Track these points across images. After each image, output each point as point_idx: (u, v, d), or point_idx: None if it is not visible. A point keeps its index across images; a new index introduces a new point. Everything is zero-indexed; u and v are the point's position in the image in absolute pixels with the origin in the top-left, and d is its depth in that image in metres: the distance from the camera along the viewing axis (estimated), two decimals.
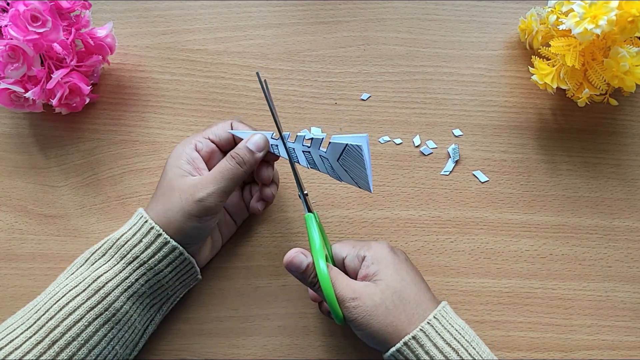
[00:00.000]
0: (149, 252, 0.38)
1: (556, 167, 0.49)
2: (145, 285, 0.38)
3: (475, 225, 0.47)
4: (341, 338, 0.45)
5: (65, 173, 0.48)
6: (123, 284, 0.37)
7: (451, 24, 0.52)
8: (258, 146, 0.39)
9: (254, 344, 0.44)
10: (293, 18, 0.52)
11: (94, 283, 0.37)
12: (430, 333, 0.35)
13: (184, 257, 0.39)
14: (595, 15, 0.40)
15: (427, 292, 0.38)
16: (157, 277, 0.39)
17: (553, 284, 0.46)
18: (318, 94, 0.50)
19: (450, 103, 0.50)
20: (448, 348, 0.35)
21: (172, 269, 0.39)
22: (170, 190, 0.38)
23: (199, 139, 0.41)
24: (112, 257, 0.38)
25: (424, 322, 0.35)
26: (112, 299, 0.37)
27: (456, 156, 0.49)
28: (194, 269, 0.41)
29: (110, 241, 0.38)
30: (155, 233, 0.38)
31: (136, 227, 0.38)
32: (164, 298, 0.41)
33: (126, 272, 0.37)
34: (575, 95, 0.47)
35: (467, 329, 0.37)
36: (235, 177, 0.38)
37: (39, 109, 0.46)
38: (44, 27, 0.41)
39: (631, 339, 0.45)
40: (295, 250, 0.37)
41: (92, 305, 0.36)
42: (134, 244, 0.38)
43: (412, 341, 0.35)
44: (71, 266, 0.39)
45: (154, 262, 0.38)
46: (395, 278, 0.37)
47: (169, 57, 0.51)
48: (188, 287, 0.42)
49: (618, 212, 0.48)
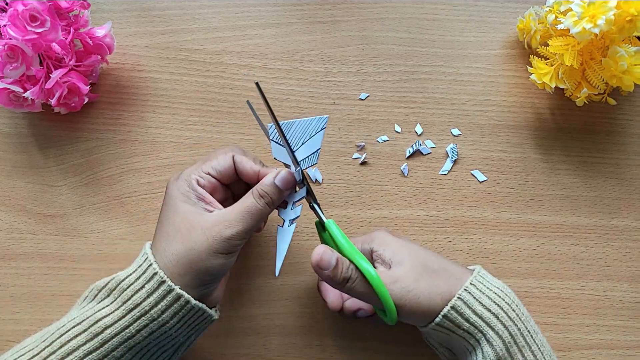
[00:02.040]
0: (150, 301, 0.34)
1: (554, 167, 0.49)
2: (150, 337, 0.34)
3: (474, 224, 0.47)
4: (340, 338, 0.45)
5: (64, 172, 0.48)
6: (123, 334, 0.34)
7: (449, 23, 0.52)
8: (287, 184, 0.37)
9: (254, 343, 0.44)
10: (291, 18, 0.52)
11: (94, 326, 0.34)
12: (468, 300, 0.35)
13: (190, 305, 0.34)
14: (593, 15, 0.40)
15: (446, 259, 0.39)
16: (163, 329, 0.34)
17: (551, 283, 0.46)
18: (316, 93, 0.50)
19: (449, 102, 0.50)
20: (494, 305, 0.36)
21: (178, 319, 0.35)
22: (189, 228, 0.35)
23: (200, 174, 0.37)
24: (114, 299, 0.34)
25: (464, 285, 0.36)
26: (110, 348, 0.34)
27: (454, 155, 0.49)
28: (206, 313, 0.36)
29: (114, 281, 0.35)
30: (158, 280, 0.34)
31: (140, 270, 0.35)
32: (176, 344, 0.37)
33: (126, 320, 0.34)
34: (574, 95, 0.47)
35: (506, 289, 0.37)
36: (263, 216, 0.36)
37: (37, 109, 0.46)
38: (43, 26, 0.41)
39: (630, 338, 0.45)
40: (322, 247, 0.34)
41: (90, 350, 0.33)
42: (136, 290, 0.34)
43: (458, 302, 0.35)
44: (83, 297, 0.36)
45: (157, 313, 0.34)
46: (414, 254, 0.37)
47: (167, 56, 0.51)
48: (203, 329, 0.38)
49: (616, 211, 0.48)
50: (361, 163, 0.49)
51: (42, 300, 0.45)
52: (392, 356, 0.44)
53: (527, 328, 0.36)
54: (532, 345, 0.36)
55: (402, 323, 0.37)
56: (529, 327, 0.36)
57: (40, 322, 0.45)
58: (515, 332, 0.35)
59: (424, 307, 0.35)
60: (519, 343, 0.35)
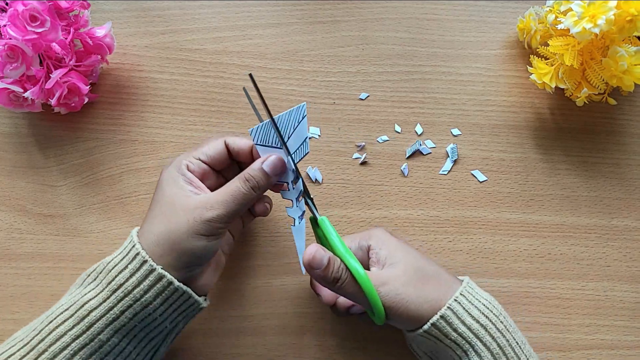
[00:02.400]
0: (133, 281, 0.34)
1: (555, 167, 0.49)
2: (135, 319, 0.34)
3: (474, 224, 0.47)
4: (339, 338, 0.45)
5: (64, 173, 0.48)
6: (108, 315, 0.34)
7: (450, 23, 0.52)
8: (275, 169, 0.36)
9: (253, 343, 0.44)
10: (291, 18, 0.52)
11: (80, 309, 0.34)
12: (458, 310, 0.36)
13: (174, 287, 0.34)
14: (593, 15, 0.40)
15: (439, 266, 0.39)
16: (147, 310, 0.34)
17: (551, 283, 0.46)
18: (316, 93, 0.50)
19: (449, 102, 0.50)
20: (482, 316, 0.36)
21: (162, 300, 0.35)
22: (172, 209, 0.35)
23: (190, 159, 0.37)
24: (100, 282, 0.35)
25: (454, 295, 0.36)
26: (96, 330, 0.34)
27: (455, 155, 0.49)
28: (192, 298, 0.36)
29: (102, 264, 0.36)
30: (140, 259, 0.34)
31: (124, 252, 0.35)
32: (164, 331, 0.37)
33: (110, 301, 0.34)
34: (574, 95, 0.47)
35: (494, 302, 0.38)
36: (247, 201, 0.35)
37: (37, 109, 0.46)
38: (43, 27, 0.41)
39: (630, 339, 0.45)
40: (314, 247, 0.34)
41: (77, 334, 0.33)
42: (119, 270, 0.34)
43: (448, 312, 0.35)
44: (74, 284, 0.37)
45: (140, 293, 0.34)
46: (409, 257, 0.37)
47: (167, 56, 0.51)
48: (191, 316, 0.38)
49: (616, 211, 0.48)
50: (361, 163, 0.49)
51: (42, 300, 0.45)
52: (392, 356, 0.44)
53: (515, 339, 0.37)
54: (521, 356, 0.36)
55: None
56: (517, 338, 0.37)
57: None
58: (503, 343, 0.36)
59: (412, 312, 0.35)
60: (508, 354, 0.36)
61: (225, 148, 0.38)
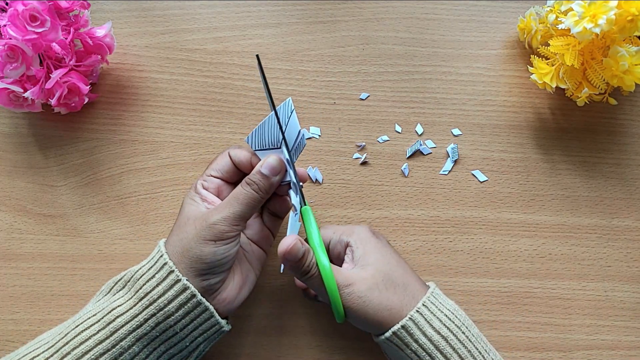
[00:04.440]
0: (159, 290, 0.35)
1: (555, 167, 0.49)
2: (156, 329, 0.35)
3: (474, 224, 0.47)
4: (339, 338, 0.45)
5: (64, 173, 0.48)
6: (133, 322, 0.35)
7: (450, 23, 0.52)
8: (273, 169, 0.37)
9: (253, 343, 0.44)
10: (292, 17, 0.52)
11: (107, 315, 0.35)
12: (419, 321, 0.36)
13: (196, 300, 0.35)
14: (594, 15, 0.40)
15: (412, 274, 0.39)
16: (168, 321, 0.35)
17: (552, 283, 0.46)
18: (317, 93, 0.50)
19: (449, 102, 0.50)
20: (444, 327, 0.36)
21: (183, 313, 0.35)
22: (186, 222, 0.37)
23: (204, 178, 0.39)
24: (129, 290, 0.36)
25: (416, 306, 0.36)
26: (120, 336, 0.35)
27: (455, 155, 0.49)
28: (213, 318, 0.36)
29: (130, 273, 0.37)
30: (168, 269, 0.35)
31: (152, 261, 0.36)
32: (185, 350, 0.37)
33: (137, 308, 0.35)
34: (575, 95, 0.47)
35: (457, 312, 0.38)
36: (251, 202, 0.36)
37: (37, 109, 0.46)
38: (43, 26, 0.41)
39: (630, 339, 0.45)
40: (293, 238, 0.35)
41: (101, 339, 0.34)
42: (147, 279, 0.36)
43: (409, 322, 0.36)
44: (100, 291, 0.38)
45: (164, 302, 0.35)
46: (382, 261, 0.38)
47: (167, 56, 0.51)
48: (213, 339, 0.38)
49: (617, 211, 0.48)
50: (361, 163, 0.49)
51: (42, 300, 0.45)
52: None
53: (478, 349, 0.37)
54: None
55: None
56: (480, 347, 0.37)
57: (40, 322, 0.45)
58: (465, 354, 0.36)
59: (370, 317, 0.36)
60: None
61: (230, 160, 0.39)
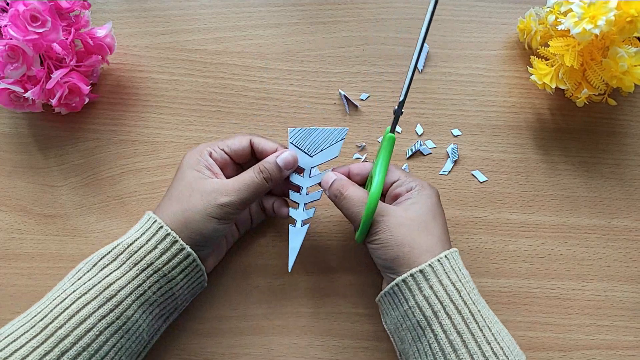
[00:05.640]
0: (164, 259, 0.37)
1: (555, 167, 0.49)
2: (157, 293, 0.37)
3: (474, 225, 0.47)
4: (340, 338, 0.45)
5: (64, 173, 0.48)
6: (136, 292, 0.36)
7: (450, 24, 0.52)
8: (287, 164, 0.39)
9: (254, 343, 0.44)
10: (292, 18, 0.52)
11: (105, 290, 0.35)
12: (437, 269, 0.36)
13: (196, 264, 0.38)
14: (594, 16, 0.40)
15: (447, 238, 0.39)
16: (170, 284, 0.38)
17: (551, 283, 0.46)
18: (317, 93, 0.50)
19: (449, 103, 0.50)
20: (453, 286, 0.36)
21: (184, 276, 0.38)
22: (189, 191, 0.38)
23: (214, 148, 0.40)
24: (123, 263, 0.36)
25: (439, 255, 0.36)
26: (124, 307, 0.36)
27: (455, 156, 0.49)
28: (203, 276, 0.40)
29: (121, 246, 0.37)
30: (171, 240, 0.37)
31: (150, 233, 0.37)
32: (173, 308, 0.40)
33: (139, 279, 0.36)
34: (574, 95, 0.47)
35: (469, 279, 0.37)
36: (259, 190, 0.38)
37: (38, 109, 0.46)
38: (44, 27, 0.41)
39: (629, 339, 0.45)
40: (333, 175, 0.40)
41: (104, 314, 0.35)
42: (149, 250, 0.37)
43: (419, 275, 0.36)
44: (76, 271, 0.38)
45: (168, 269, 0.37)
46: (427, 214, 0.38)
47: (168, 57, 0.51)
48: (194, 295, 0.42)
49: (616, 211, 0.48)
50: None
51: None
52: (392, 355, 0.44)
53: (481, 312, 0.36)
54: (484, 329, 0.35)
55: None
56: (484, 313, 0.36)
57: None
58: (474, 311, 0.35)
59: (391, 249, 0.36)
60: (471, 327, 0.35)
61: (249, 146, 0.41)
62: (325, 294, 0.45)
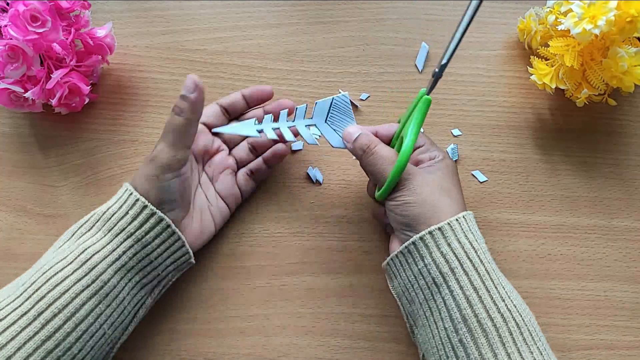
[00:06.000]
0: (135, 224, 0.38)
1: (555, 167, 0.49)
2: (134, 258, 0.38)
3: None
4: (340, 338, 0.45)
5: (64, 173, 0.48)
6: (110, 256, 0.37)
7: (450, 24, 0.52)
8: (188, 88, 0.39)
9: (254, 344, 0.44)
10: (292, 18, 0.52)
11: (81, 255, 0.36)
12: (456, 227, 0.36)
13: (171, 230, 0.39)
14: (594, 16, 0.40)
15: (463, 202, 0.40)
16: (146, 250, 0.38)
17: (551, 283, 0.46)
18: (317, 94, 0.50)
19: (449, 103, 0.50)
20: (470, 245, 0.36)
21: (160, 242, 0.39)
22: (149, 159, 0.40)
23: None
24: (99, 230, 0.38)
25: (455, 216, 0.37)
26: (99, 271, 0.36)
27: (455, 156, 0.49)
28: (184, 247, 0.40)
29: (96, 215, 0.39)
30: (141, 205, 0.38)
31: (122, 200, 0.39)
32: (155, 279, 0.40)
33: (113, 244, 0.37)
34: (574, 95, 0.47)
35: (483, 241, 0.38)
36: (178, 127, 0.39)
37: (38, 109, 0.46)
38: (44, 27, 0.41)
39: (629, 339, 0.45)
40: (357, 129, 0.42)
41: (79, 277, 0.36)
42: (121, 217, 0.38)
43: (437, 232, 0.36)
44: (58, 241, 0.39)
45: (141, 234, 0.38)
46: (450, 180, 0.39)
47: (168, 57, 0.51)
48: (180, 269, 0.42)
49: (617, 212, 0.48)
50: None
51: None
52: (393, 355, 0.44)
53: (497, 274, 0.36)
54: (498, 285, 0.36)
55: (398, 319, 0.37)
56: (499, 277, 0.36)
57: None
58: (491, 269, 0.36)
59: (411, 207, 0.37)
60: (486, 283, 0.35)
61: (219, 108, 0.44)
62: (326, 294, 0.45)
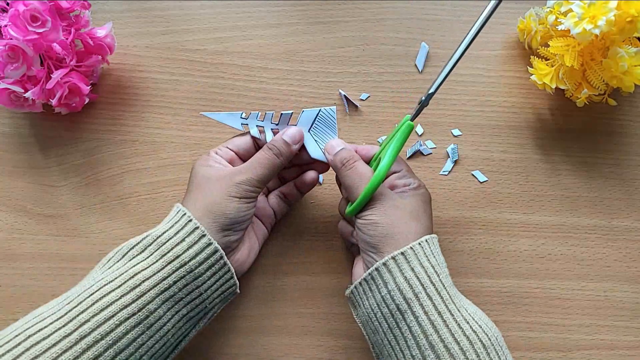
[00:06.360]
0: (190, 253, 0.36)
1: (555, 167, 0.49)
2: (183, 290, 0.36)
3: (474, 225, 0.47)
4: (340, 338, 0.45)
5: (64, 173, 0.48)
6: (160, 285, 0.35)
7: (450, 24, 0.52)
8: (294, 138, 0.40)
9: (254, 344, 0.44)
10: (292, 18, 0.52)
11: (130, 280, 0.35)
12: (418, 252, 0.36)
13: (223, 261, 0.38)
14: (594, 16, 0.40)
15: (432, 230, 0.40)
16: (196, 282, 0.37)
17: (552, 283, 0.46)
18: (317, 94, 0.50)
19: (449, 103, 0.50)
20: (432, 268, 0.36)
21: (211, 274, 0.37)
22: (207, 181, 0.39)
23: (219, 147, 0.42)
24: (151, 254, 0.36)
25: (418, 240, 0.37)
26: (147, 300, 0.35)
27: (455, 156, 0.49)
28: (233, 279, 0.39)
29: (150, 237, 0.37)
30: (199, 233, 0.37)
31: (179, 225, 0.37)
32: (202, 312, 0.38)
33: (165, 271, 0.35)
34: (574, 96, 0.47)
35: (445, 265, 0.38)
36: (272, 166, 0.39)
37: (38, 109, 0.46)
38: (44, 27, 0.41)
39: (629, 339, 0.45)
40: (340, 143, 0.41)
41: (125, 304, 0.34)
42: (176, 243, 0.36)
43: (400, 257, 0.36)
44: (107, 259, 0.37)
45: (195, 264, 0.36)
46: (420, 207, 0.39)
47: (168, 57, 0.51)
48: (226, 301, 0.40)
49: (617, 212, 0.48)
50: None
51: (42, 300, 0.45)
52: None
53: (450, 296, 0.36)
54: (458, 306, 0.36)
55: None
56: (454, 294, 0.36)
57: None
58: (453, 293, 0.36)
59: (380, 229, 0.37)
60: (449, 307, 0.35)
61: (251, 139, 0.43)
62: (326, 294, 0.45)
